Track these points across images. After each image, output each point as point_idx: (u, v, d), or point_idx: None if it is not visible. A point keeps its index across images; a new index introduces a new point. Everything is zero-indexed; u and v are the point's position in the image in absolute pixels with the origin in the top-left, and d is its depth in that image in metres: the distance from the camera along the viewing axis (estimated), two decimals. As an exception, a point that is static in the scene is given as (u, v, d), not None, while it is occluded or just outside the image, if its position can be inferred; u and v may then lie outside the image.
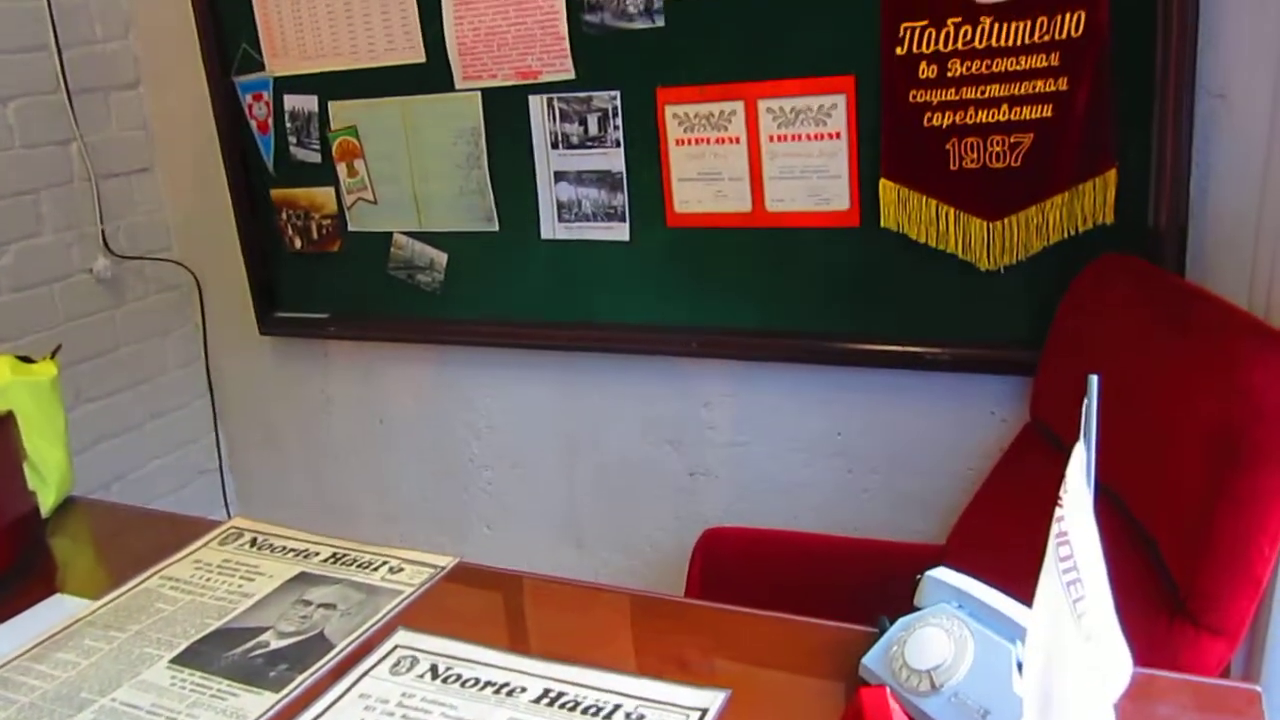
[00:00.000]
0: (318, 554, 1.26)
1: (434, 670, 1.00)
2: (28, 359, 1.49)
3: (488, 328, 2.17)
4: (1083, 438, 0.72)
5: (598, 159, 1.93)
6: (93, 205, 2.35)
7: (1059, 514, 0.71)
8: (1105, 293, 1.49)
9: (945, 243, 1.68)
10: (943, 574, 0.91)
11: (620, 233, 1.95)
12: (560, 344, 2.11)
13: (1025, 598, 0.78)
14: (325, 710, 0.96)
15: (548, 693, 0.95)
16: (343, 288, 2.32)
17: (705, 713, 0.90)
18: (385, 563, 1.22)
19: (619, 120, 1.89)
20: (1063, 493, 0.71)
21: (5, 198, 2.19)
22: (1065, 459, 0.72)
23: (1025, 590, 0.77)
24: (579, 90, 1.90)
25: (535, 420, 2.24)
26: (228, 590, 1.20)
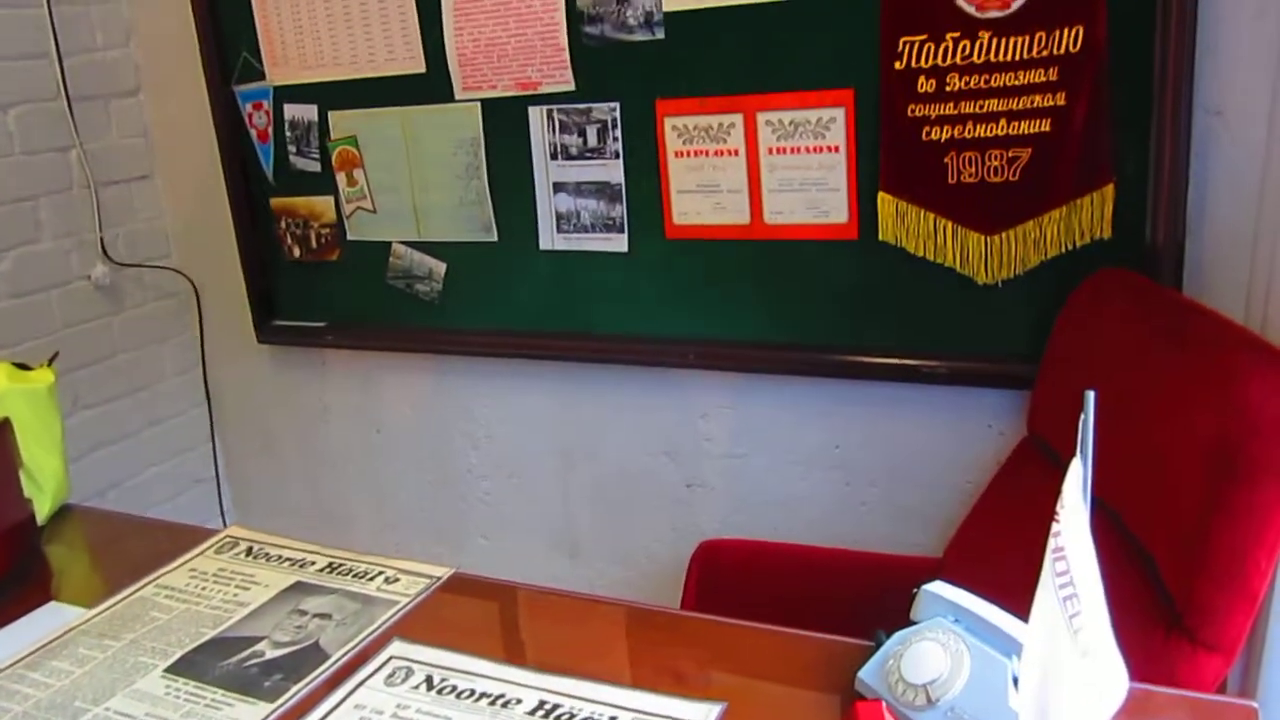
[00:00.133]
0: (313, 563, 1.26)
1: (429, 681, 1.00)
2: (25, 366, 1.49)
3: (486, 338, 2.17)
4: (1079, 453, 0.72)
5: (597, 170, 1.93)
6: (92, 212, 2.36)
7: (1056, 529, 0.71)
8: (1103, 307, 1.49)
9: (943, 256, 1.68)
10: (939, 588, 0.91)
11: (619, 244, 1.96)
12: (558, 354, 2.11)
13: (1022, 612, 0.78)
14: (320, 721, 0.96)
15: (543, 704, 0.95)
16: (341, 297, 2.32)
17: (701, 726, 0.90)
18: (381, 573, 1.22)
19: (618, 132, 1.89)
20: (1059, 508, 0.71)
21: (5, 204, 2.19)
22: (1062, 474, 0.72)
23: (1022, 604, 0.77)
24: (579, 101, 1.91)
25: (532, 430, 2.24)
26: (223, 599, 1.19)
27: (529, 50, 1.91)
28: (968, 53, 1.56)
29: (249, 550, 1.31)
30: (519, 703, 0.95)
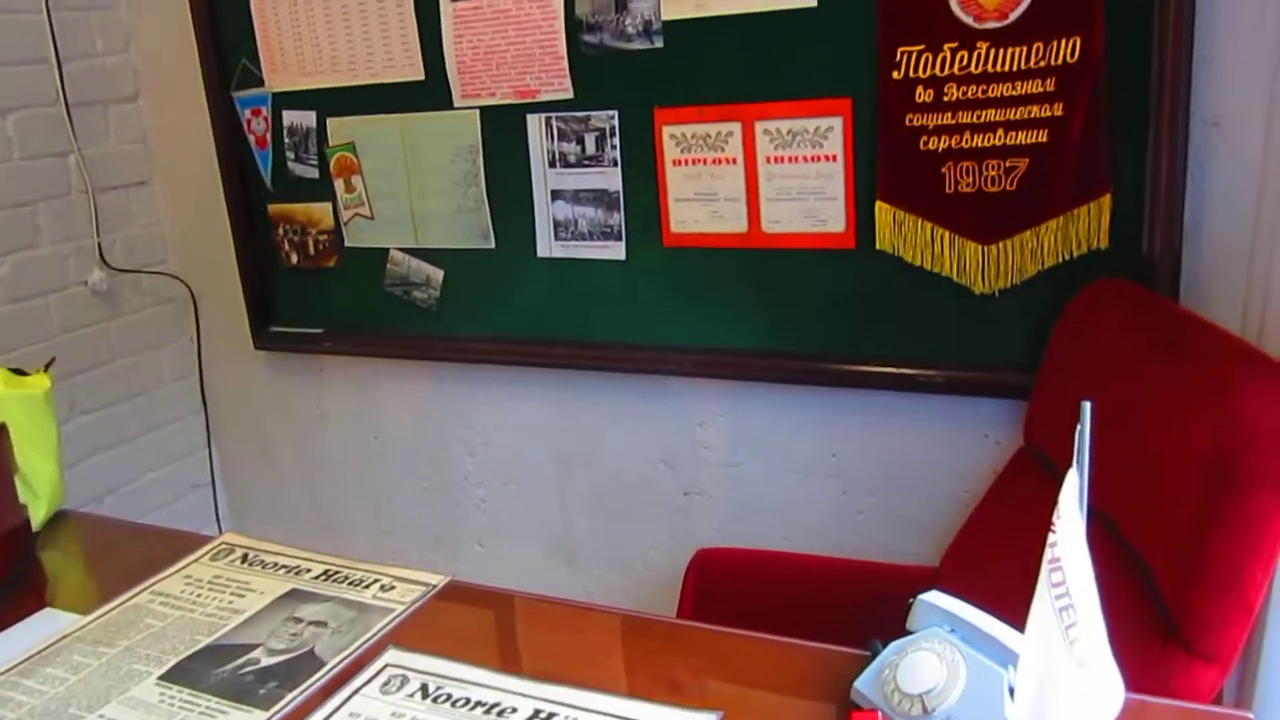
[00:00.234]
0: (309, 570, 1.26)
1: (424, 689, 1.00)
2: (21, 371, 1.49)
3: (483, 345, 2.17)
4: (1076, 464, 0.72)
5: (595, 178, 1.94)
6: (90, 218, 2.36)
7: (1052, 539, 0.71)
8: (1099, 317, 1.49)
9: (940, 265, 1.68)
10: (935, 598, 0.91)
11: (616, 252, 1.96)
12: (555, 362, 2.11)
13: (1018, 621, 0.78)
14: (314, 729, 0.96)
15: (538, 713, 0.95)
16: (339, 303, 2.32)
17: (696, 735, 0.90)
18: (377, 580, 1.22)
19: (616, 140, 1.89)
20: (1056, 519, 0.71)
21: (3, 209, 2.19)
22: (1058, 483, 0.72)
23: (1018, 614, 0.77)
24: (577, 110, 1.91)
25: (529, 438, 2.24)
26: (218, 606, 1.19)
27: (528, 58, 1.91)
28: (965, 63, 1.57)
29: (244, 557, 1.31)
30: (514, 711, 0.95)
